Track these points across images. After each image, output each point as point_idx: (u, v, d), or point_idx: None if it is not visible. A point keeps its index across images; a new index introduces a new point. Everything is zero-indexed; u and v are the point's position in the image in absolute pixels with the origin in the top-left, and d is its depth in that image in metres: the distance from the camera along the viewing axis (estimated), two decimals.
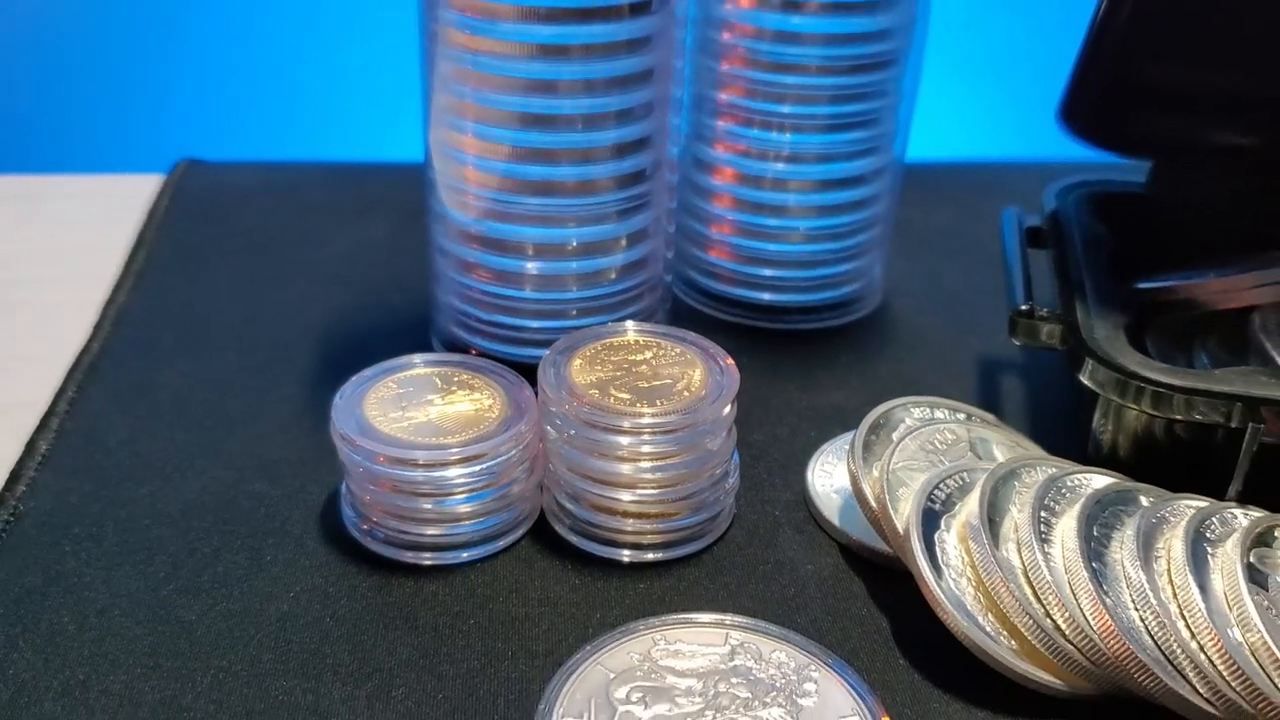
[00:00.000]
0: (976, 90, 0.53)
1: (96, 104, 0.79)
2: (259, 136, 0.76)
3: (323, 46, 0.80)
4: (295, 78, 0.79)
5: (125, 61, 0.79)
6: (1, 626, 0.31)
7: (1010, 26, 0.44)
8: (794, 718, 0.27)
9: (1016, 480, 0.32)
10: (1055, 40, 0.38)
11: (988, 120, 0.48)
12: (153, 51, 0.80)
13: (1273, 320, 0.37)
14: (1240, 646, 0.28)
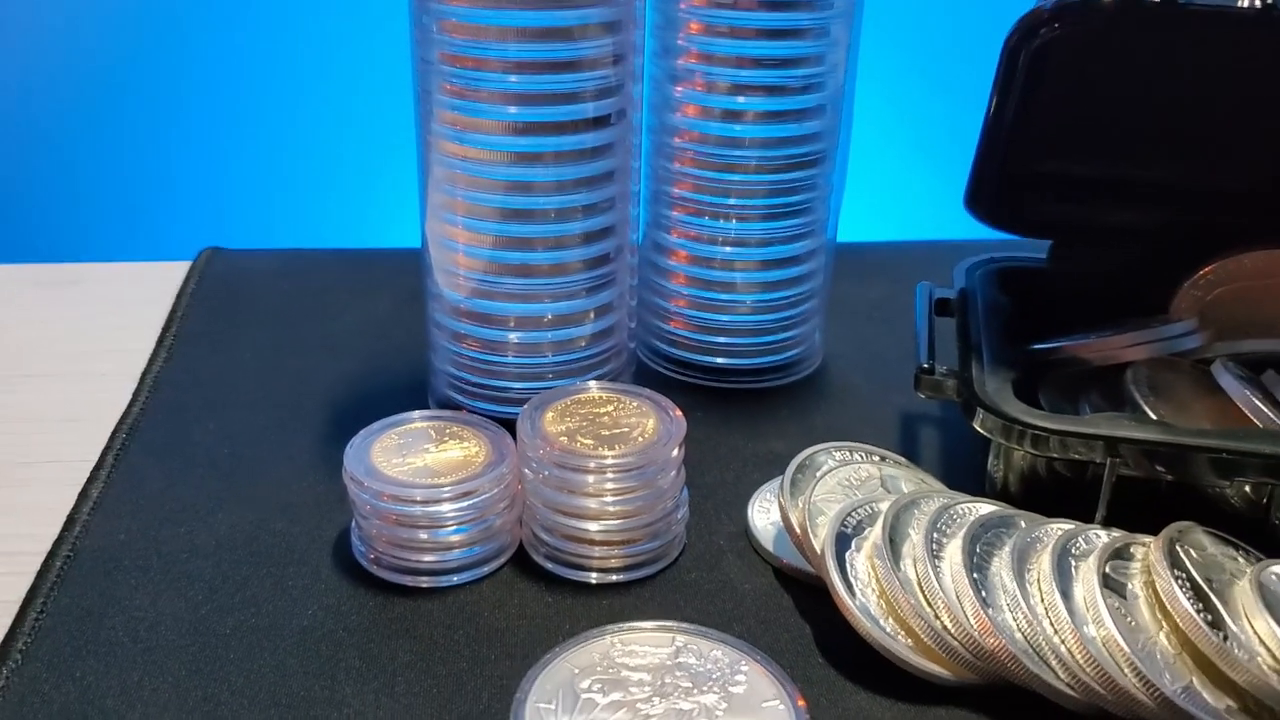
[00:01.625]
0: (910, 179, 0.60)
1: (129, 199, 0.87)
2: (274, 227, 0.83)
3: (332, 150, 0.88)
4: (307, 176, 0.87)
5: (156, 161, 0.87)
6: (67, 640, 0.37)
7: (932, 123, 0.51)
8: (727, 702, 0.34)
9: (915, 509, 0.38)
10: (971, 135, 0.45)
11: (919, 206, 0.55)
12: (181, 153, 0.87)
13: (1143, 375, 0.44)
14: (1094, 640, 0.34)
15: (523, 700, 0.33)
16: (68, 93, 0.86)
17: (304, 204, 0.86)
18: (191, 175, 0.87)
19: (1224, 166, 0.47)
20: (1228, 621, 0.35)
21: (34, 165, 0.86)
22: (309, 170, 0.87)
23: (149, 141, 0.87)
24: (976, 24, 0.44)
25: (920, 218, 0.55)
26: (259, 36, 0.86)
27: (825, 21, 0.46)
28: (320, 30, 0.86)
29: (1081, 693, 0.34)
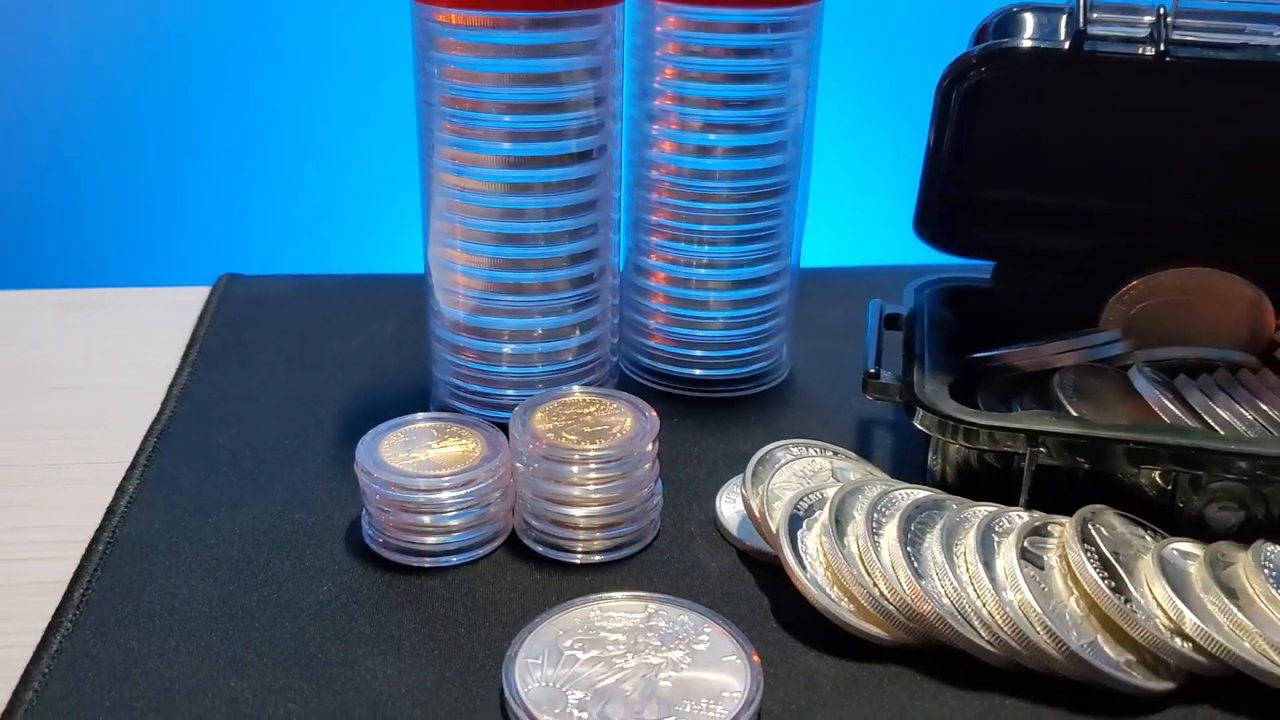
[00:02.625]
0: (870, 209, 0.65)
1: (151, 229, 0.93)
2: (286, 255, 0.88)
3: (339, 185, 0.94)
4: (316, 209, 0.93)
5: (176, 195, 0.93)
6: (111, 613, 0.41)
7: (886, 157, 0.56)
8: (691, 657, 0.38)
9: (859, 494, 0.43)
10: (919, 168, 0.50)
11: (881, 233, 0.60)
12: (199, 187, 0.94)
13: (1069, 379, 0.49)
14: (1012, 604, 0.39)
15: (513, 658, 0.38)
16: (97, 135, 0.92)
17: (314, 234, 0.92)
18: (208, 207, 0.93)
19: (1145, 195, 0.52)
20: (1130, 589, 0.40)
21: (64, 199, 0.92)
22: (318, 203, 0.93)
23: (169, 177, 0.93)
24: (922, 68, 0.49)
25: (882, 244, 0.60)
26: (274, 82, 0.92)
27: (785, 67, 0.52)
28: (330, 75, 0.92)
29: (1001, 649, 0.39)
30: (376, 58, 0.78)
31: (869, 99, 0.60)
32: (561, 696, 0.37)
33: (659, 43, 0.52)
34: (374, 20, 0.67)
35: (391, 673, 0.39)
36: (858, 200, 0.68)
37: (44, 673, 0.38)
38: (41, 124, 0.90)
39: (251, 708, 0.37)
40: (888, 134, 0.53)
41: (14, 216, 0.90)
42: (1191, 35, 0.43)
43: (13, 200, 0.90)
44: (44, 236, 0.91)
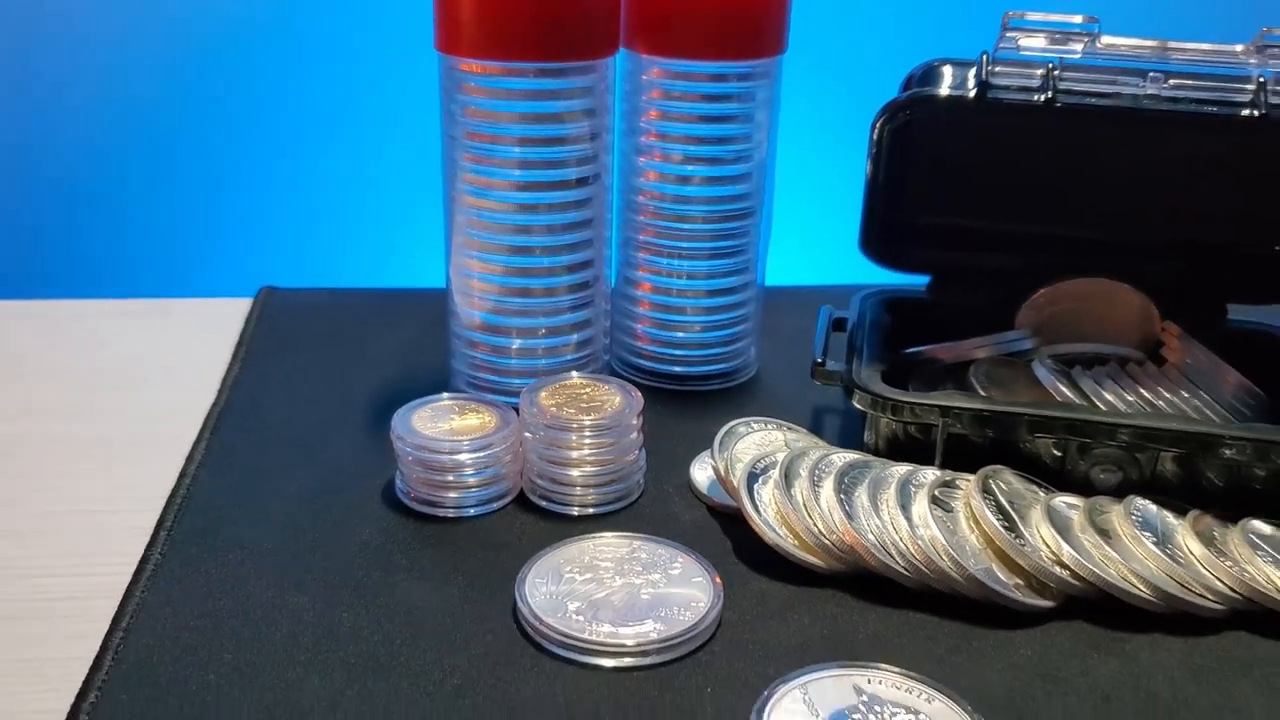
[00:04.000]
0: (830, 233, 0.75)
1: (196, 244, 1.03)
2: (321, 269, 0.99)
3: (368, 207, 1.05)
4: (346, 229, 1.04)
5: (220, 215, 1.04)
6: (191, 549, 0.51)
7: (843, 187, 0.66)
8: (666, 578, 0.48)
9: (805, 457, 0.53)
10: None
11: (840, 255, 0.70)
12: (241, 207, 1.05)
13: (984, 369, 0.59)
14: (924, 539, 0.48)
15: (523, 579, 0.48)
16: (145, 162, 1.02)
17: (343, 251, 1.03)
18: (248, 227, 1.03)
19: (1050, 218, 0.62)
20: (1021, 529, 0.49)
21: (115, 218, 1.03)
22: (349, 223, 1.03)
23: (214, 199, 1.03)
24: (866, 112, 0.58)
25: (841, 265, 0.70)
26: (311, 119, 1.03)
27: (750, 110, 0.62)
28: (363, 113, 1.03)
29: (914, 574, 0.48)
30: (406, 99, 0.88)
31: (824, 138, 0.70)
32: (562, 605, 0.46)
33: (645, 89, 0.62)
34: (405, 67, 0.78)
35: (423, 592, 0.48)
36: (819, 225, 0.77)
37: (142, 592, 0.48)
38: (95, 152, 1.01)
39: (312, 615, 0.46)
40: (841, 169, 0.62)
41: (65, 229, 1.01)
42: (1075, 85, 0.53)
43: (66, 214, 1.00)
44: (95, 250, 1.02)
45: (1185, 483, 0.53)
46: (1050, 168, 0.60)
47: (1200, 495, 0.52)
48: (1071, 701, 0.43)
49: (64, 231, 1.01)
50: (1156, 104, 0.53)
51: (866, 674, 0.42)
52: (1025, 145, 0.59)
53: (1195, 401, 0.56)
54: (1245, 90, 0.52)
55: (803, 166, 0.75)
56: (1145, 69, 0.53)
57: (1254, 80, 0.52)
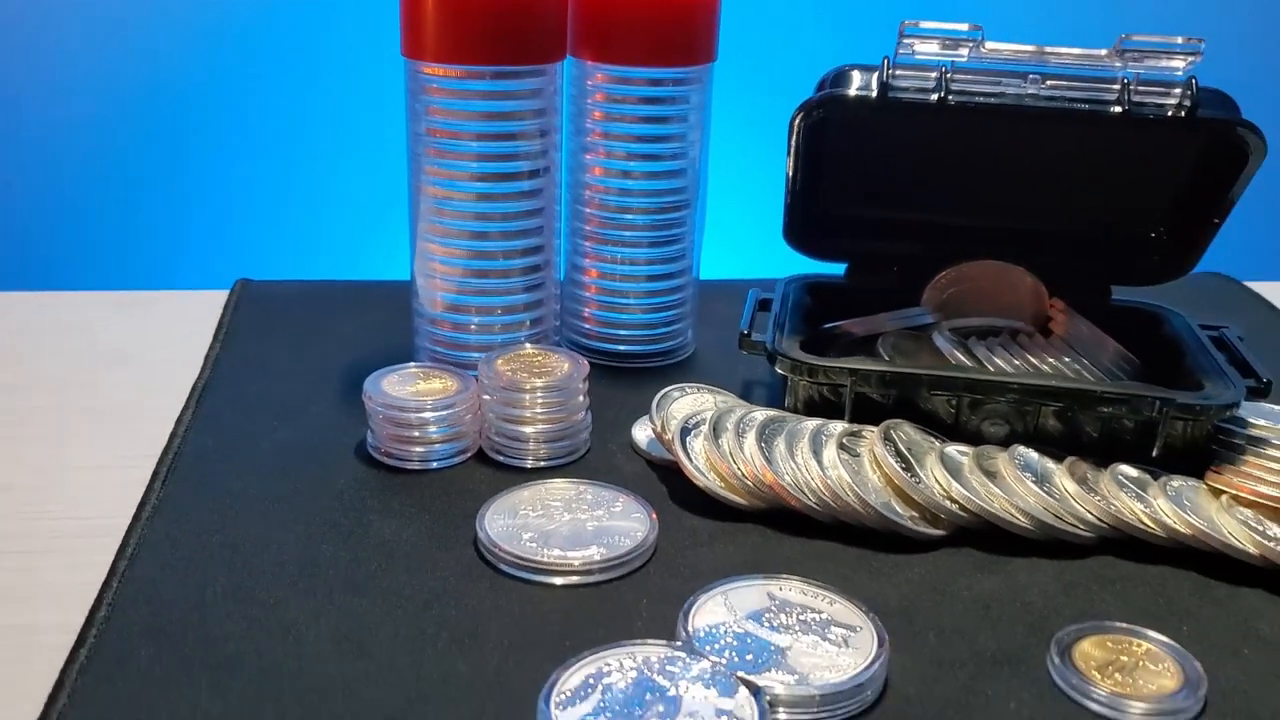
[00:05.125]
0: (764, 229, 0.82)
1: (174, 241, 1.10)
2: (294, 262, 1.05)
3: (336, 203, 1.12)
4: (316, 224, 1.10)
5: (197, 210, 1.10)
6: (186, 497, 0.57)
7: (775, 184, 0.72)
8: (609, 514, 0.55)
9: (731, 414, 0.60)
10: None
11: (773, 250, 0.77)
12: (217, 203, 1.11)
13: (890, 341, 0.66)
14: (832, 478, 0.55)
15: (482, 516, 0.54)
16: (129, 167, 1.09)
17: (316, 247, 1.10)
18: (223, 221, 1.10)
19: (952, 208, 0.70)
20: (918, 471, 0.56)
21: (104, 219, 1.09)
22: (318, 218, 1.10)
23: (195, 195, 1.10)
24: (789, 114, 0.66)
25: (773, 260, 0.77)
26: (282, 122, 1.10)
27: (685, 111, 0.69)
28: (331, 114, 1.10)
29: (824, 509, 0.55)
30: (374, 108, 0.95)
31: (754, 142, 0.77)
32: (517, 535, 0.53)
33: (590, 93, 0.69)
34: (374, 76, 0.84)
35: (393, 529, 0.55)
36: (751, 224, 0.85)
37: (142, 529, 0.54)
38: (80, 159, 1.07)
39: (295, 548, 0.53)
40: (771, 171, 0.69)
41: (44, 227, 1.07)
42: (965, 86, 0.61)
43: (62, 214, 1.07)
44: (77, 246, 1.08)
45: (1065, 435, 0.60)
46: (948, 162, 0.67)
47: (1078, 447, 0.60)
48: (957, 608, 0.50)
49: (45, 228, 1.08)
50: (1037, 102, 0.60)
51: (778, 583, 0.49)
52: (925, 141, 0.66)
53: (1076, 366, 0.64)
54: (1112, 89, 0.60)
55: (737, 169, 0.82)
56: (1026, 71, 0.60)
57: (1119, 81, 0.60)
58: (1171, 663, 0.46)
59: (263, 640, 0.46)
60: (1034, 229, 0.69)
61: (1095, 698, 0.44)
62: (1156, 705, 0.44)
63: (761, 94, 0.74)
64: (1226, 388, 0.59)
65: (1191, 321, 0.68)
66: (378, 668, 0.45)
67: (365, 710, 0.43)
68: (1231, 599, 0.52)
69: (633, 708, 0.41)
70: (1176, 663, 0.46)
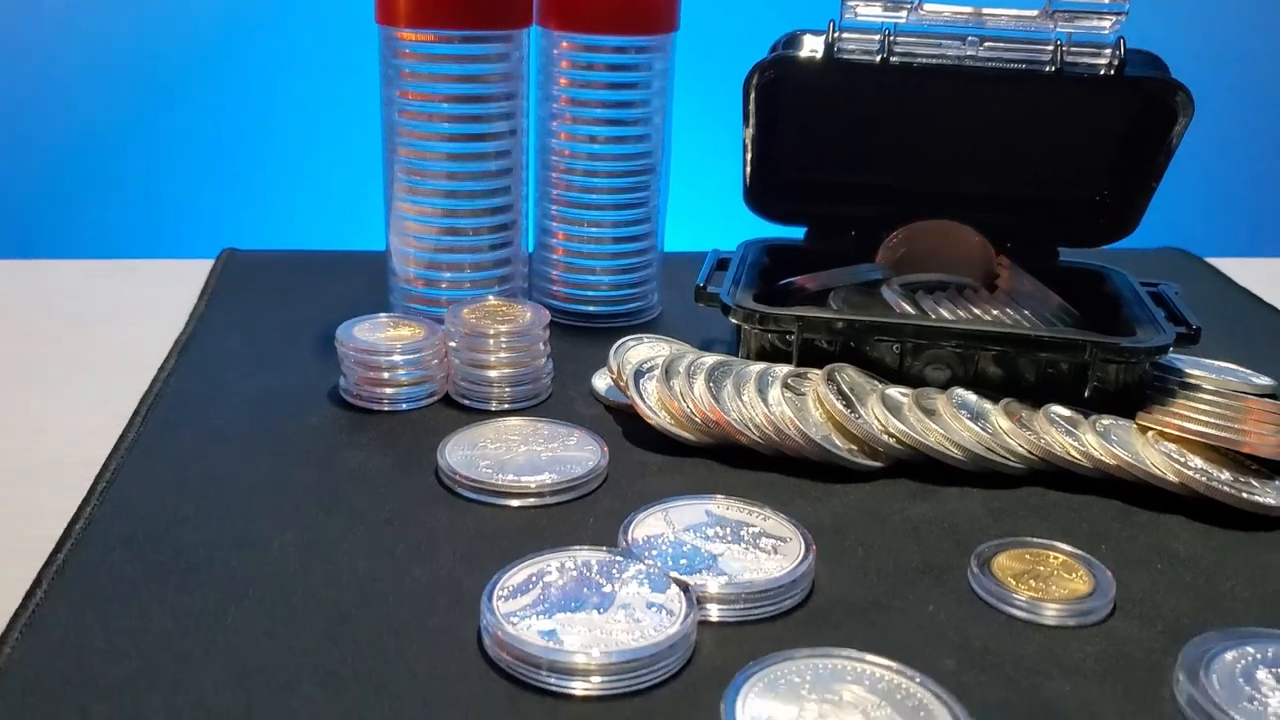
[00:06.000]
0: (723, 203, 0.85)
1: (162, 212, 1.14)
2: (278, 232, 1.09)
3: (314, 175, 1.15)
4: (296, 196, 1.14)
5: (184, 181, 1.14)
6: (166, 431, 0.60)
7: (738, 153, 0.75)
8: (563, 447, 0.58)
9: (682, 359, 0.63)
10: None
11: (739, 224, 0.80)
12: (203, 176, 1.15)
13: (842, 295, 0.69)
14: (776, 414, 0.59)
15: (443, 447, 0.57)
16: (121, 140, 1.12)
17: (299, 215, 1.13)
18: (209, 193, 1.14)
19: (902, 170, 0.73)
20: (859, 408, 0.59)
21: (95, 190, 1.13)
22: (303, 192, 1.14)
23: (182, 171, 1.14)
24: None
25: (740, 234, 0.80)
26: (266, 96, 1.14)
27: (648, 78, 0.72)
28: (312, 85, 1.14)
29: (767, 443, 0.58)
30: (350, 72, 0.99)
31: (720, 114, 0.80)
32: (475, 463, 0.56)
33: (556, 60, 0.72)
34: (348, 43, 0.88)
35: (362, 458, 0.58)
36: (718, 199, 0.88)
37: (121, 457, 0.57)
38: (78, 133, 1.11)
39: (268, 474, 0.56)
40: (737, 142, 0.72)
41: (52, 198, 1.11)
42: (907, 48, 0.64)
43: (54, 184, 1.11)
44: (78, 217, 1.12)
45: (1004, 381, 0.63)
46: (901, 126, 0.70)
47: (1016, 392, 0.62)
48: (887, 529, 0.53)
49: (26, 200, 1.12)
50: (975, 63, 0.63)
51: (715, 502, 0.52)
52: (877, 105, 0.69)
53: (1017, 317, 0.67)
54: (1045, 50, 0.63)
55: (705, 145, 0.85)
56: (965, 33, 0.63)
57: (1053, 43, 0.63)
58: (1084, 571, 0.49)
59: (230, 549, 0.49)
60: (985, 192, 0.72)
61: (1011, 602, 0.47)
62: (1069, 607, 0.47)
63: (728, 69, 0.76)
64: (1157, 333, 0.62)
65: (1132, 279, 0.70)
66: (337, 572, 0.48)
67: (322, 607, 0.46)
68: (1151, 523, 0.54)
69: (569, 601, 0.44)
70: (1089, 571, 0.49)
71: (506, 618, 0.43)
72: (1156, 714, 0.41)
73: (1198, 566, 0.51)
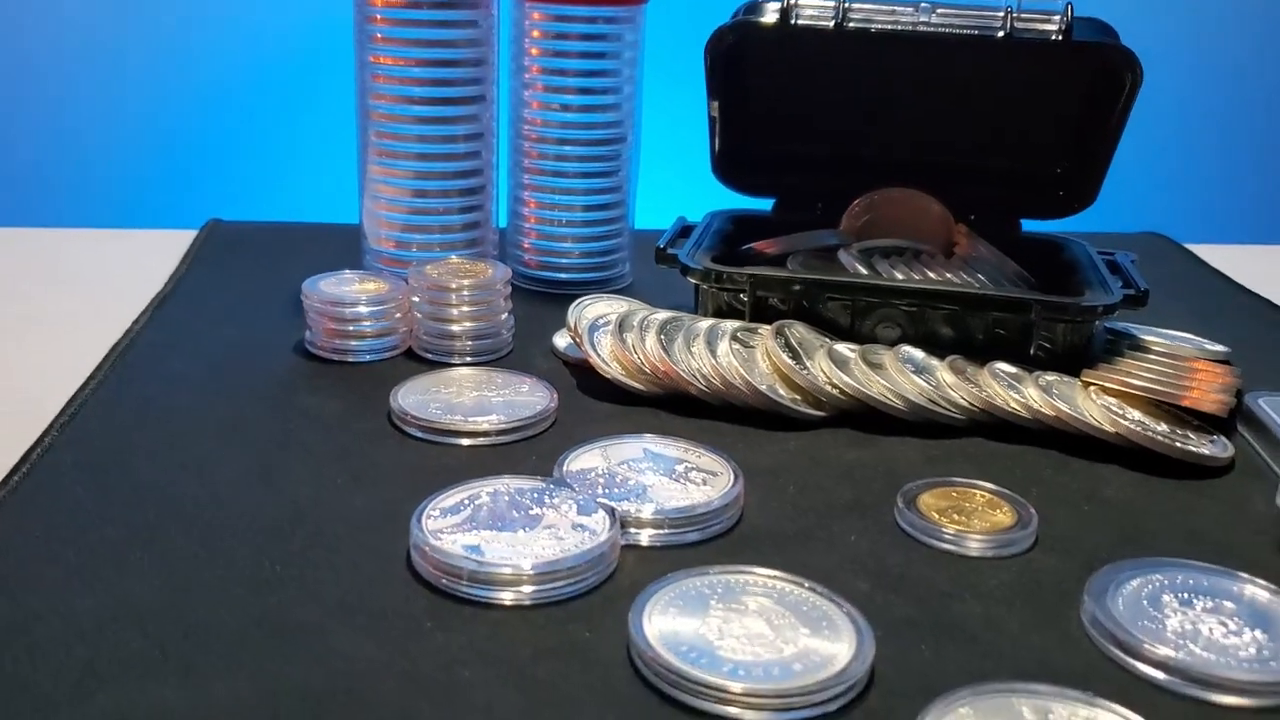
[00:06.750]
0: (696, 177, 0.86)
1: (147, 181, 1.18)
2: (259, 204, 1.11)
3: (293, 149, 1.18)
4: (282, 168, 1.17)
5: (169, 154, 1.18)
6: (134, 374, 0.62)
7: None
8: (515, 392, 0.59)
9: (636, 314, 0.64)
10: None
11: (713, 201, 0.81)
12: (186, 147, 1.18)
13: (799, 258, 0.70)
14: (723, 366, 0.60)
15: (396, 391, 0.59)
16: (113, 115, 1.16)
17: (280, 187, 1.16)
18: (194, 165, 1.17)
19: (882, 145, 0.74)
20: (805, 361, 0.61)
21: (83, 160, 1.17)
22: (288, 166, 1.16)
23: (168, 139, 1.18)
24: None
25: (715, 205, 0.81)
26: (250, 74, 1.18)
27: (619, 49, 0.74)
28: (294, 59, 1.18)
29: (714, 392, 0.59)
30: (327, 45, 1.01)
31: (694, 92, 0.81)
32: (426, 405, 0.57)
33: (528, 30, 0.74)
34: (325, 15, 0.90)
35: (318, 401, 0.59)
36: (691, 175, 0.89)
37: (88, 395, 0.59)
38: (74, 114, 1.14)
39: (228, 414, 0.57)
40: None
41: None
42: (862, 15, 0.65)
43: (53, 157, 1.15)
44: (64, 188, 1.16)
45: (955, 341, 0.64)
46: (862, 97, 0.72)
47: (967, 352, 0.63)
48: (822, 471, 0.54)
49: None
50: (929, 29, 0.65)
51: (654, 441, 0.54)
52: (838, 75, 0.71)
53: (969, 280, 0.68)
54: (996, 16, 0.64)
55: (680, 125, 0.87)
56: (918, 1, 0.65)
57: (1004, 10, 0.64)
58: (1008, 507, 0.50)
59: (179, 475, 0.51)
60: (950, 165, 0.74)
61: (933, 534, 0.48)
62: (989, 538, 0.48)
63: (700, 43, 0.78)
64: (1104, 295, 0.63)
65: (1091, 249, 0.71)
66: (278, 497, 0.50)
67: (258, 525, 0.47)
68: (1085, 470, 0.55)
69: (496, 521, 0.46)
70: (1013, 507, 0.50)
71: (434, 534, 0.44)
72: (1061, 632, 0.42)
73: (1125, 509, 0.52)
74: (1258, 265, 0.92)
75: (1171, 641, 0.40)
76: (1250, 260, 0.93)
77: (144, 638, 0.40)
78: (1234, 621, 0.42)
